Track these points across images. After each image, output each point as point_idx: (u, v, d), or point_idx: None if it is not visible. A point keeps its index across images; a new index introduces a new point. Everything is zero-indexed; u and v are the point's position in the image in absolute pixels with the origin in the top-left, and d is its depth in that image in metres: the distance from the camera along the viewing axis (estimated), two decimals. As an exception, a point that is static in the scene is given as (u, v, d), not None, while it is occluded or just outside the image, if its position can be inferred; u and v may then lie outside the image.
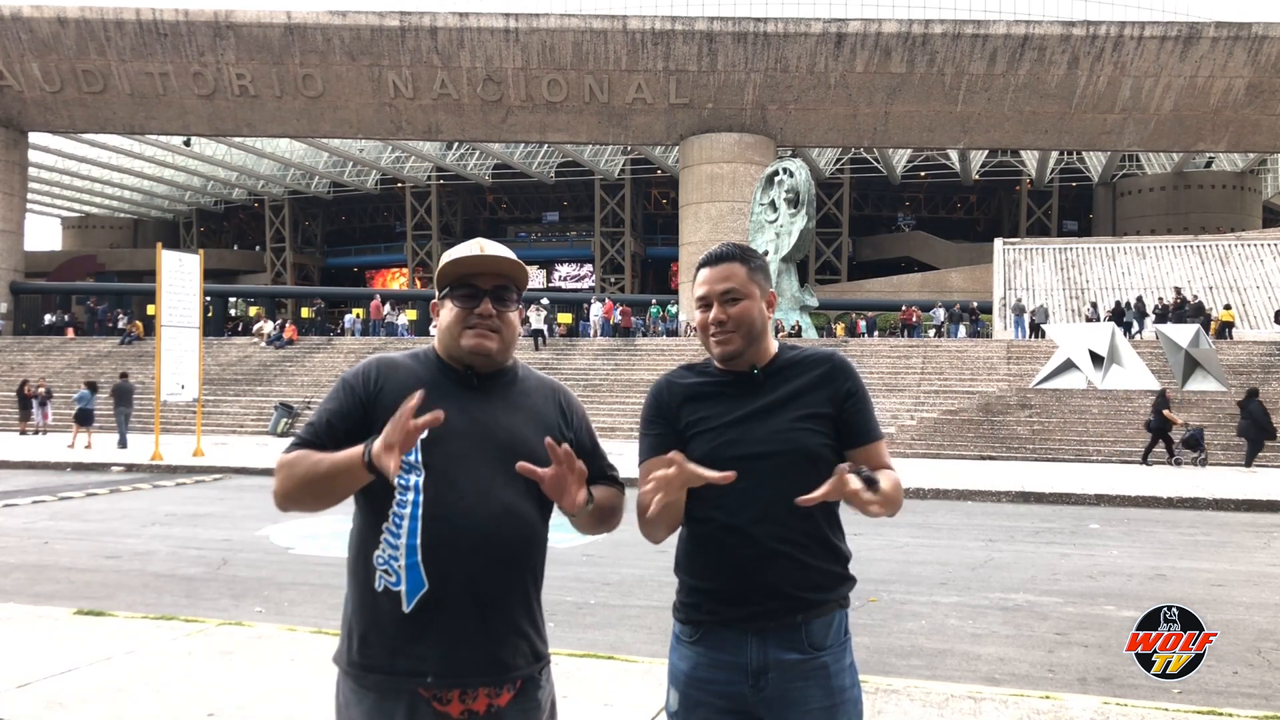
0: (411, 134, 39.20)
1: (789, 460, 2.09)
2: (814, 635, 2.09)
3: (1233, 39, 33.18)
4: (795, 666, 2.07)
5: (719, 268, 2.18)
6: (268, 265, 63.23)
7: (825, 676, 2.08)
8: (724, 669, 2.08)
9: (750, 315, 2.15)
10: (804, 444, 2.11)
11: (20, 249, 39.36)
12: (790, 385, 2.16)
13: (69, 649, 5.19)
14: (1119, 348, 23.47)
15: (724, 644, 2.09)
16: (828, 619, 2.11)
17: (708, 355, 2.26)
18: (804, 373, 2.18)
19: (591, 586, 7.62)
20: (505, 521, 1.96)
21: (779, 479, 2.07)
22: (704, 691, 2.10)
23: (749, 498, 2.07)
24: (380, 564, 1.95)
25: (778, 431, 2.11)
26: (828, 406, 2.15)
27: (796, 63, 34.51)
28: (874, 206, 61.52)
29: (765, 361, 2.19)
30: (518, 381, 2.12)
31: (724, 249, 2.22)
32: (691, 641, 2.13)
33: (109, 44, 34.84)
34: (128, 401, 21.28)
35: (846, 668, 2.14)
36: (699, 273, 2.22)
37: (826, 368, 2.19)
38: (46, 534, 10.21)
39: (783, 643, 2.07)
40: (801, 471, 2.07)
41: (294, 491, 1.97)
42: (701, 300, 2.20)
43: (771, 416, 2.13)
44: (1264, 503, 13.63)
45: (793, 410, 2.13)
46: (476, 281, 2.06)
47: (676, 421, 2.19)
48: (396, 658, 1.91)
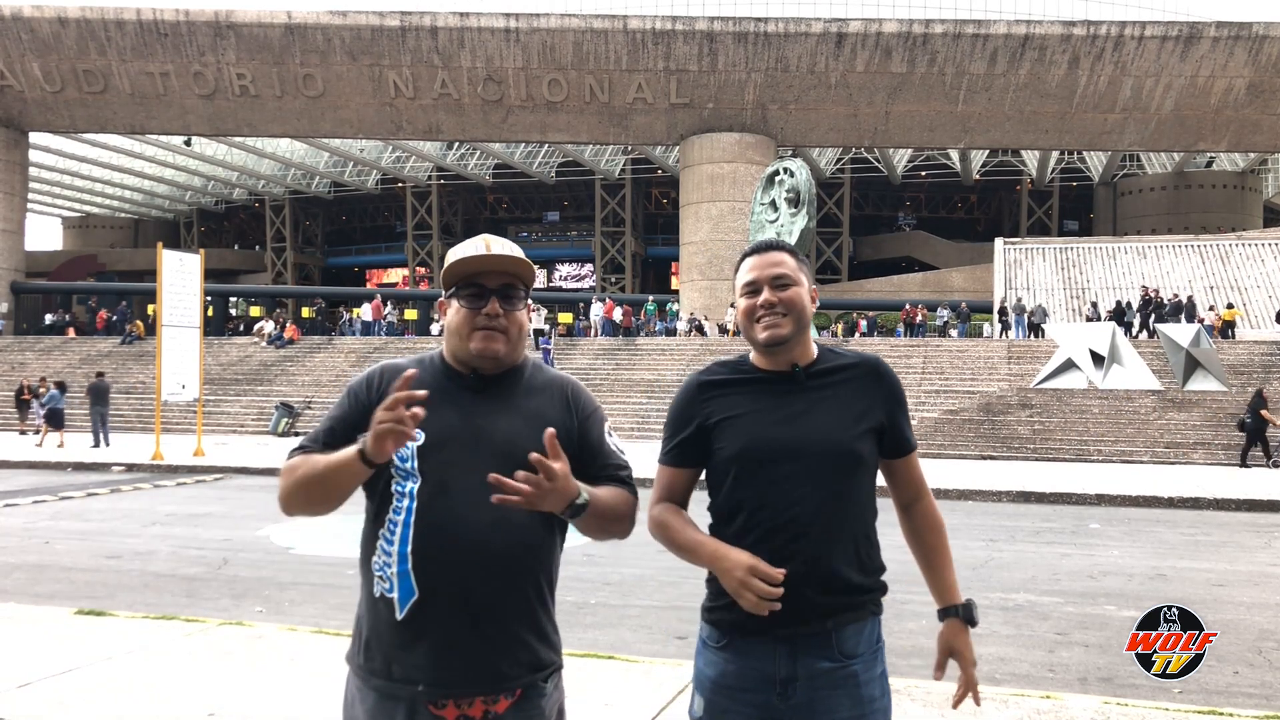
0: (412, 134, 39.20)
1: (830, 463, 2.03)
2: (845, 643, 2.03)
3: (1233, 39, 33.17)
4: (825, 675, 2.01)
5: (768, 254, 2.14)
6: (268, 265, 63.24)
7: (855, 685, 2.03)
8: (751, 676, 2.03)
9: (802, 300, 2.11)
10: (847, 447, 2.05)
11: (21, 249, 39.36)
12: (833, 387, 2.10)
13: (70, 649, 5.20)
14: (1119, 347, 23.48)
15: (752, 650, 2.03)
16: (860, 626, 2.06)
17: (740, 354, 2.21)
18: (847, 376, 2.12)
19: (591, 586, 7.62)
20: (499, 529, 1.92)
21: (818, 482, 2.02)
22: (730, 699, 2.04)
23: (787, 500, 2.02)
24: (377, 570, 1.94)
25: (819, 433, 2.05)
26: (872, 413, 2.10)
27: (797, 62, 34.50)
28: (874, 206, 61.50)
29: (807, 361, 2.13)
30: (524, 382, 2.06)
31: (770, 240, 2.20)
32: (719, 647, 2.08)
33: (109, 44, 34.85)
34: (104, 401, 21.06)
35: (877, 677, 2.08)
36: (743, 262, 2.17)
37: (871, 373, 2.14)
38: (47, 534, 10.21)
39: (813, 650, 2.01)
40: (842, 476, 2.04)
41: (295, 494, 1.95)
42: (749, 286, 2.13)
43: (813, 417, 2.07)
44: (1264, 503, 13.63)
45: (836, 413, 2.07)
46: (483, 281, 2.01)
47: (700, 418, 2.12)
48: (393, 665, 1.91)
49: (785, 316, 2.09)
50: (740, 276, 2.17)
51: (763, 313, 2.09)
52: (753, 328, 2.12)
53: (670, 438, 2.17)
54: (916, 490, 2.21)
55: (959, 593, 2.18)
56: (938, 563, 2.20)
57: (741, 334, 2.17)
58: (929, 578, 2.21)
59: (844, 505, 2.05)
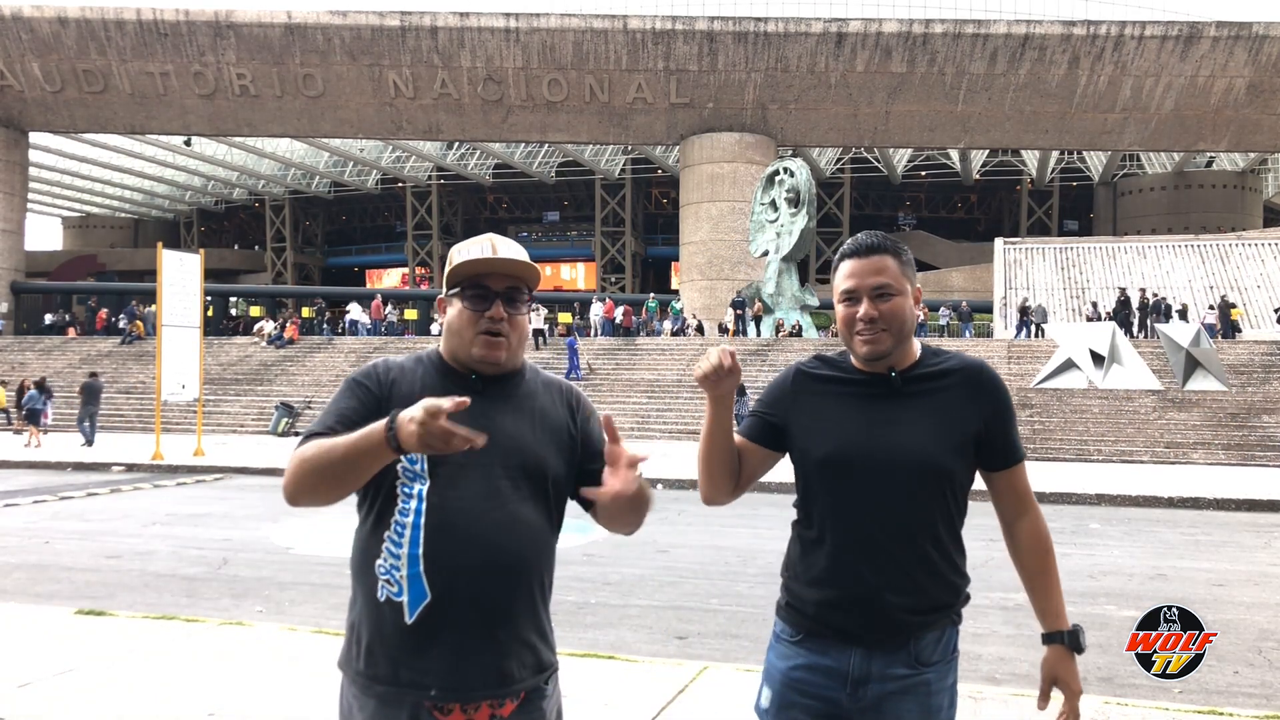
0: (412, 134, 39.21)
1: (918, 474, 1.96)
2: (922, 651, 1.99)
3: (1233, 39, 33.18)
4: (897, 680, 1.97)
5: (870, 259, 2.00)
6: (268, 265, 63.27)
7: (925, 694, 1.98)
8: (823, 673, 2.00)
9: (903, 313, 2.00)
10: (936, 460, 1.97)
11: (21, 249, 39.38)
12: (930, 395, 2.01)
13: (70, 649, 5.20)
14: (1119, 347, 23.48)
15: (828, 649, 1.99)
16: (938, 633, 2.01)
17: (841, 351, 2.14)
18: (947, 382, 2.02)
19: (592, 586, 7.62)
20: (511, 531, 1.91)
21: (902, 494, 1.96)
22: (799, 692, 2.01)
23: (872, 510, 1.96)
24: (383, 573, 1.90)
25: (910, 442, 1.97)
26: (969, 422, 2.00)
27: (797, 62, 34.51)
28: (874, 206, 61.51)
29: (906, 365, 2.04)
30: (524, 384, 2.04)
31: (873, 239, 2.04)
32: (794, 641, 2.05)
33: (109, 44, 34.85)
34: (95, 400, 21.17)
35: (947, 688, 2.02)
36: (843, 264, 2.05)
37: (973, 379, 2.03)
38: (47, 534, 10.21)
39: (889, 656, 1.97)
40: (931, 488, 1.97)
41: (307, 479, 1.82)
42: (848, 295, 2.02)
43: (905, 426, 1.98)
44: (1264, 502, 13.62)
45: (930, 421, 1.99)
46: (488, 283, 1.98)
47: (792, 409, 2.07)
48: (399, 669, 1.87)
49: (885, 331, 1.98)
50: (839, 281, 2.05)
51: (862, 325, 1.99)
52: (852, 340, 2.02)
53: (755, 410, 2.14)
54: (1021, 505, 2.11)
55: (1066, 618, 2.07)
56: (1042, 585, 2.09)
57: (841, 341, 2.09)
58: (1032, 600, 2.10)
59: (928, 519, 1.98)
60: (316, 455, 1.81)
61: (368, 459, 1.76)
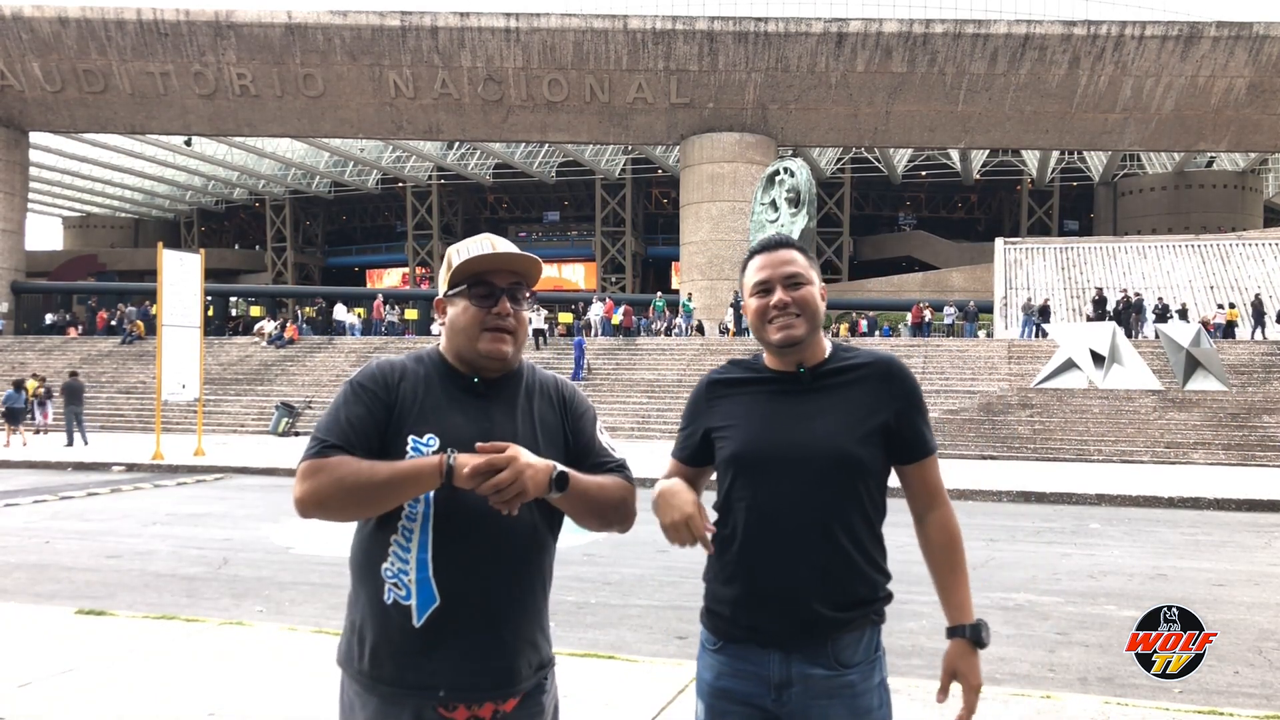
0: (412, 134, 39.20)
1: (828, 469, 1.97)
2: (842, 652, 1.97)
3: (1234, 39, 33.17)
4: (819, 683, 1.96)
5: (779, 252, 2.08)
6: (269, 265, 63.27)
7: (851, 695, 1.97)
8: (747, 679, 1.99)
9: (814, 301, 2.06)
10: (847, 450, 1.98)
11: (21, 248, 39.38)
12: (840, 389, 2.04)
13: (70, 649, 5.20)
14: (1120, 347, 23.48)
15: (747, 654, 1.99)
16: (857, 635, 1.99)
17: (756, 353, 2.17)
18: (857, 376, 2.05)
19: (592, 586, 7.62)
20: (515, 533, 1.92)
21: (817, 488, 1.96)
22: (728, 701, 2.01)
23: (784, 504, 1.97)
24: (390, 577, 1.90)
25: (820, 435, 1.98)
26: (879, 415, 2.02)
27: (797, 62, 34.50)
28: (875, 206, 61.51)
29: (815, 361, 2.08)
30: (523, 386, 2.05)
31: (780, 237, 2.13)
32: (714, 650, 2.06)
33: (110, 44, 34.85)
34: (78, 400, 21.30)
35: (875, 687, 2.01)
36: (752, 260, 2.12)
37: (882, 372, 2.06)
38: (47, 533, 10.21)
39: (807, 657, 1.96)
40: (844, 480, 1.98)
41: (334, 497, 1.81)
42: (761, 285, 2.07)
43: (815, 419, 2.00)
44: (1264, 502, 13.62)
45: (839, 414, 2.01)
46: (493, 279, 1.99)
47: (709, 419, 2.10)
48: (406, 671, 1.88)
49: (799, 317, 2.03)
50: (750, 276, 2.11)
51: (775, 313, 2.04)
52: (765, 329, 2.06)
53: (680, 434, 2.17)
54: (932, 499, 2.11)
55: (971, 612, 2.06)
56: (950, 579, 2.09)
57: (753, 334, 2.11)
58: (940, 593, 2.10)
59: (841, 511, 1.98)
60: (354, 478, 1.81)
61: (415, 487, 1.82)
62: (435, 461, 1.79)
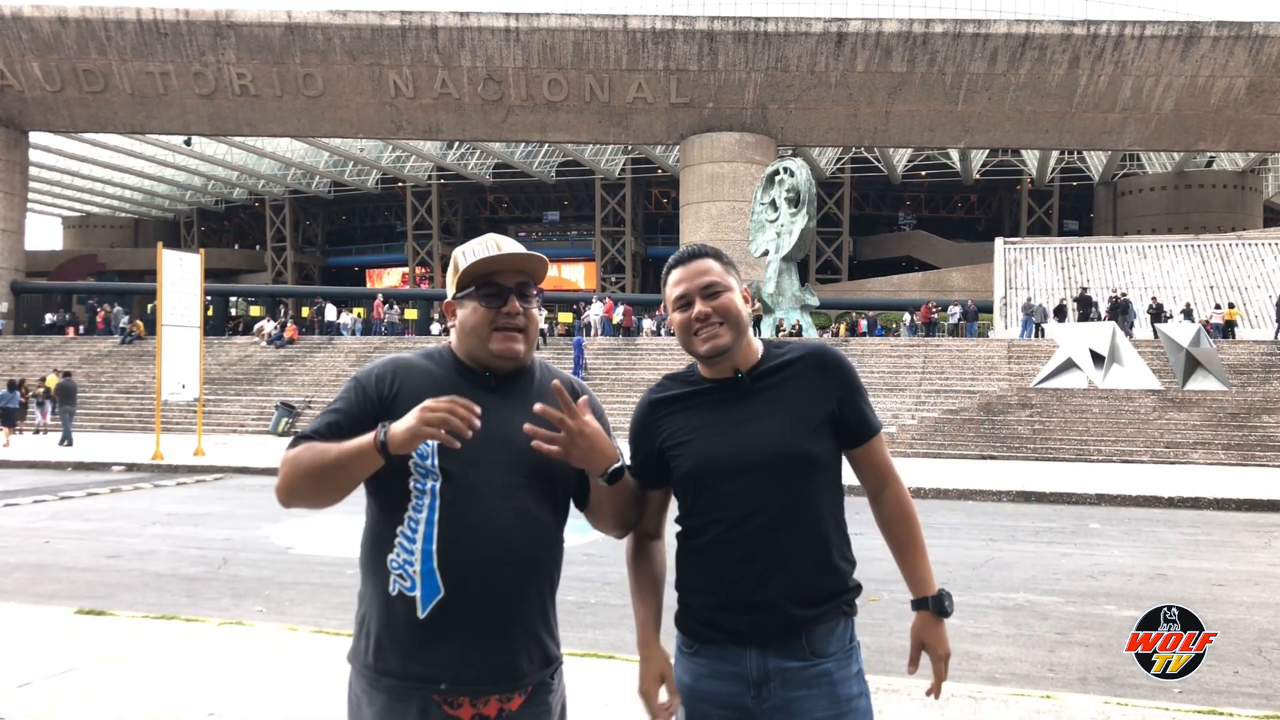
0: (412, 133, 39.21)
1: (785, 469, 1.99)
2: (815, 643, 2.00)
3: (1233, 38, 33.18)
4: (797, 674, 1.98)
5: (693, 264, 2.09)
6: (268, 265, 63.25)
7: (829, 684, 1.99)
8: (726, 680, 2.00)
9: (735, 306, 2.05)
10: (797, 447, 2.00)
11: (21, 248, 39.38)
12: (780, 386, 2.05)
13: (70, 649, 5.20)
14: (1120, 347, 23.48)
15: (724, 654, 2.01)
16: (830, 626, 2.02)
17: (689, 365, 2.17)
18: (793, 371, 2.07)
19: (592, 586, 7.62)
20: (523, 528, 1.93)
21: (776, 490, 1.98)
22: (708, 703, 2.02)
23: (746, 510, 1.98)
24: (395, 568, 1.91)
25: (769, 436, 2.00)
26: (823, 405, 2.04)
27: (797, 62, 34.51)
28: (874, 206, 61.51)
29: (750, 364, 2.08)
30: (535, 382, 2.07)
31: (694, 248, 2.13)
32: (691, 653, 2.06)
33: (110, 44, 34.86)
34: (71, 400, 21.58)
35: (853, 676, 2.03)
36: (670, 275, 2.12)
37: (817, 363, 2.08)
38: (47, 533, 10.21)
39: (782, 651, 1.98)
40: (798, 479, 1.99)
41: (298, 484, 1.92)
42: (681, 300, 2.07)
43: (761, 421, 2.02)
44: (1264, 502, 13.62)
45: (784, 411, 2.02)
46: (500, 280, 2.01)
47: (655, 440, 2.10)
48: (410, 663, 1.89)
49: (722, 325, 2.03)
50: (669, 290, 2.11)
51: (699, 325, 2.04)
52: (692, 341, 2.06)
53: (633, 460, 2.14)
54: (882, 477, 2.13)
55: (933, 584, 2.11)
56: (910, 554, 2.13)
57: (683, 349, 2.11)
58: (902, 569, 2.14)
59: (803, 509, 2.00)
60: (310, 462, 1.90)
61: (358, 466, 1.86)
62: (371, 436, 1.84)
